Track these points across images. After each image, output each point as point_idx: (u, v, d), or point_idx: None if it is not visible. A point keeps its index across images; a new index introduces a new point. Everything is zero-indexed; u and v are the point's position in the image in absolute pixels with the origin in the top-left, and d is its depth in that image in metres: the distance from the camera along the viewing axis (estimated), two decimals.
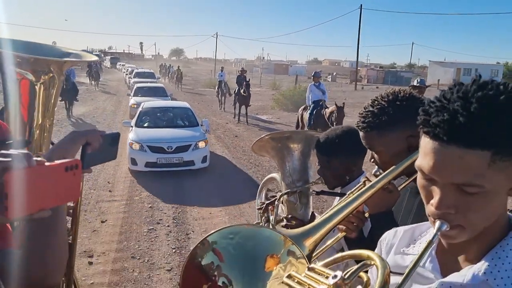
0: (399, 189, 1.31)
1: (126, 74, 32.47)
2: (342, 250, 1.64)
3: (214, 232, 0.92)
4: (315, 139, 1.83)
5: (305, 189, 1.84)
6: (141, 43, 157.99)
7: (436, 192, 0.74)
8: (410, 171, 1.21)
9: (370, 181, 1.28)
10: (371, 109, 1.35)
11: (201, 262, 0.92)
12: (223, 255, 0.91)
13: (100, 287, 4.23)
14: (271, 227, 1.85)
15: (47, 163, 0.84)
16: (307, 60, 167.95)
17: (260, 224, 2.00)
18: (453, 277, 0.79)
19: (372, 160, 1.42)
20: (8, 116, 1.47)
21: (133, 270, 4.59)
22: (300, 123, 11.02)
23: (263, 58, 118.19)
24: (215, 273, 0.90)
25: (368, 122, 1.34)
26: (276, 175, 2.17)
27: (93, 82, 28.27)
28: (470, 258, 0.80)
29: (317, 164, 1.85)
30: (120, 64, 57.11)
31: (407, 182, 1.32)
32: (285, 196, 1.88)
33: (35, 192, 0.80)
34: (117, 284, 4.28)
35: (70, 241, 1.49)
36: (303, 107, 11.24)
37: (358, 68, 45.40)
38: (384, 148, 1.35)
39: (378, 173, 1.35)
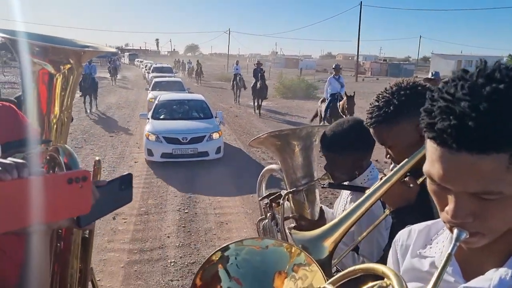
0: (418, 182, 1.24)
1: (145, 70, 33.28)
2: (357, 247, 1.61)
3: (219, 249, 0.90)
4: (317, 132, 1.76)
5: (311, 186, 1.75)
6: (157, 39, 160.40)
7: (451, 200, 0.65)
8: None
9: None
10: (376, 103, 1.32)
11: (209, 281, 0.88)
12: (231, 273, 0.89)
13: (137, 189, 6.91)
14: (279, 227, 1.83)
15: (46, 175, 0.81)
16: (321, 54, 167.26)
17: (266, 220, 1.94)
18: (478, 282, 0.71)
19: (388, 156, 1.38)
20: (27, 108, 1.43)
21: (157, 182, 7.51)
22: (318, 115, 11.44)
23: (277, 53, 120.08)
24: None
25: (375, 116, 1.31)
26: (275, 166, 2.10)
27: (111, 77, 29.51)
28: (494, 258, 0.72)
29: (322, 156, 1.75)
30: (137, 60, 58.36)
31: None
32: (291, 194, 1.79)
33: (26, 204, 0.76)
34: (147, 188, 7.13)
35: (86, 235, 1.43)
36: (321, 99, 11.68)
37: (363, 62, 47.82)
38: (396, 141, 1.30)
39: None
